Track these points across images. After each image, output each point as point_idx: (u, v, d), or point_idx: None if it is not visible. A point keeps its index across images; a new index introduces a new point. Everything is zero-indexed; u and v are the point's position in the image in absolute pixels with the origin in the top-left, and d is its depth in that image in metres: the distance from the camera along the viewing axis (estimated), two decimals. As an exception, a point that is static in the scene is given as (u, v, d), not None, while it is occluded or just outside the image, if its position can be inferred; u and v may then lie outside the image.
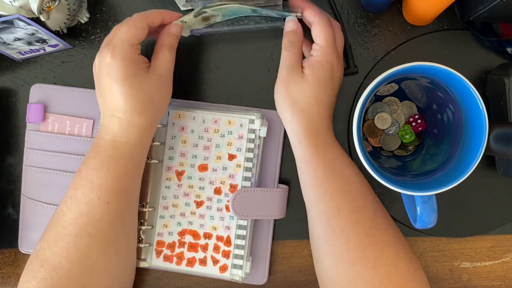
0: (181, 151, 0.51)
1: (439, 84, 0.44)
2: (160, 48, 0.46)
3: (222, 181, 0.51)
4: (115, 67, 0.42)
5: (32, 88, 0.53)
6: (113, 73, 0.42)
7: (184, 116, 0.51)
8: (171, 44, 0.46)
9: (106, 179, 0.43)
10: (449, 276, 0.53)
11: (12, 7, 0.45)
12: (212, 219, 0.51)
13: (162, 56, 0.45)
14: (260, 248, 0.52)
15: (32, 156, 0.53)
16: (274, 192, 0.50)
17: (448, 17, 0.51)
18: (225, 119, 0.51)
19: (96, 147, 0.44)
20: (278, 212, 0.50)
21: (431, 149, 0.50)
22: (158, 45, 0.46)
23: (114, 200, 0.43)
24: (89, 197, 0.43)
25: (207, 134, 0.51)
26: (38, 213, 0.52)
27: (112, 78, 0.42)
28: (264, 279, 0.52)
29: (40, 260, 0.42)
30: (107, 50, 0.42)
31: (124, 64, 0.42)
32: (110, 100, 0.43)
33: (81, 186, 0.43)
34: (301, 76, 0.44)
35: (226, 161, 0.51)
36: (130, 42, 0.43)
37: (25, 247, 0.53)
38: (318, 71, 0.44)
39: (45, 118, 0.53)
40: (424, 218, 0.43)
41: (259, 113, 0.50)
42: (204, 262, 0.51)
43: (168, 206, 0.51)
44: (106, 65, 0.42)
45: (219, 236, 0.51)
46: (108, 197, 0.43)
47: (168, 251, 0.51)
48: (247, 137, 0.50)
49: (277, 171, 0.51)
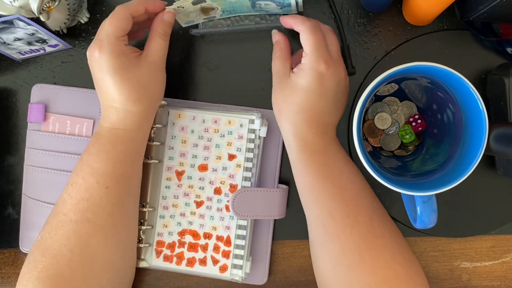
0: (181, 151, 0.51)
1: (439, 84, 0.44)
2: (153, 35, 0.46)
3: (222, 181, 0.51)
4: (104, 61, 0.43)
5: (33, 88, 0.53)
6: (103, 67, 0.43)
7: (184, 116, 0.51)
8: (164, 31, 0.46)
9: (106, 163, 0.44)
10: (449, 276, 0.53)
11: (12, 7, 0.45)
12: (212, 219, 0.51)
13: (154, 44, 0.46)
14: (260, 248, 0.52)
15: (33, 155, 0.53)
16: (274, 192, 0.50)
17: (448, 17, 0.51)
18: (225, 119, 0.51)
19: (96, 135, 0.45)
20: (278, 212, 0.50)
21: (431, 149, 0.50)
22: (151, 33, 0.46)
23: (113, 185, 0.44)
24: (88, 181, 0.43)
25: (207, 134, 0.51)
26: (39, 213, 0.52)
27: (103, 71, 0.43)
28: (264, 279, 0.52)
29: (41, 250, 0.42)
30: (94, 45, 0.43)
31: (113, 57, 0.43)
32: (105, 92, 0.44)
33: (82, 172, 0.44)
34: (287, 83, 0.45)
35: (226, 161, 0.51)
36: (115, 34, 0.43)
37: (26, 247, 0.53)
38: (302, 79, 0.44)
39: (46, 118, 0.53)
40: (424, 218, 0.43)
41: (259, 113, 0.50)
42: (204, 262, 0.51)
43: (168, 206, 0.51)
44: (96, 60, 0.43)
45: (219, 236, 0.51)
46: (107, 181, 0.44)
47: (168, 251, 0.51)
48: (247, 137, 0.50)
49: (277, 171, 0.51)
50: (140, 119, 0.45)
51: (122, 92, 0.43)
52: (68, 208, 0.43)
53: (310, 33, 0.44)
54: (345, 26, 0.51)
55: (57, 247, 0.42)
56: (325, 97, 0.45)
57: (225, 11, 0.49)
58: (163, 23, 0.46)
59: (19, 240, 0.53)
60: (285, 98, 0.45)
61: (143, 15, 0.46)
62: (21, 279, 0.42)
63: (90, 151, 0.44)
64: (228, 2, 0.46)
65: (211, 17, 0.50)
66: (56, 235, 0.42)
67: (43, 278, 0.41)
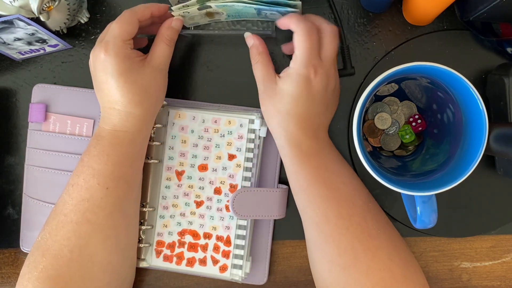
0: (181, 151, 0.51)
1: (439, 84, 0.44)
2: (159, 41, 0.47)
3: (222, 181, 0.51)
4: (109, 63, 0.43)
5: (34, 88, 0.53)
6: (108, 69, 0.43)
7: (184, 116, 0.51)
8: (170, 37, 0.47)
9: (106, 165, 0.44)
10: (449, 276, 0.53)
11: (12, 7, 0.45)
12: (212, 219, 0.51)
13: (159, 49, 0.46)
14: (260, 248, 0.52)
15: (34, 155, 0.53)
16: (273, 192, 0.50)
17: (448, 17, 0.51)
18: (225, 119, 0.51)
19: (97, 137, 0.45)
20: (278, 212, 0.50)
21: (431, 149, 0.50)
22: (158, 38, 0.47)
23: (113, 186, 0.44)
24: (89, 182, 0.43)
25: (207, 134, 0.51)
26: (40, 212, 0.52)
27: (108, 73, 0.43)
28: (264, 279, 0.52)
29: (42, 250, 0.42)
30: (100, 47, 0.44)
31: (118, 59, 0.43)
32: (107, 94, 0.44)
33: (83, 173, 0.44)
34: (275, 90, 0.45)
35: (226, 161, 0.51)
36: (122, 38, 0.44)
37: (27, 247, 0.53)
38: (289, 85, 0.44)
39: (46, 118, 0.53)
40: (424, 218, 0.43)
41: (259, 113, 0.50)
42: (204, 262, 0.51)
43: (168, 206, 0.51)
44: (101, 61, 0.43)
45: (219, 236, 0.51)
46: (107, 182, 0.44)
47: (168, 251, 0.51)
48: (247, 137, 0.50)
49: (277, 171, 0.51)
50: (141, 122, 0.45)
51: (125, 94, 0.44)
52: (68, 209, 0.43)
53: (303, 36, 0.43)
54: (345, 26, 0.51)
55: (57, 247, 0.42)
56: (314, 100, 0.45)
57: (230, 16, 0.49)
58: (170, 30, 0.47)
59: (19, 240, 0.53)
60: (275, 105, 0.45)
61: (148, 19, 0.47)
62: (21, 279, 0.42)
63: (91, 152, 0.45)
64: (233, 9, 0.46)
65: (216, 19, 0.50)
66: (57, 236, 0.42)
67: (43, 279, 0.41)
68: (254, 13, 0.47)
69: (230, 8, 0.46)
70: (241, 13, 0.48)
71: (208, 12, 0.47)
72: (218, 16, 0.48)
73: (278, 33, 0.51)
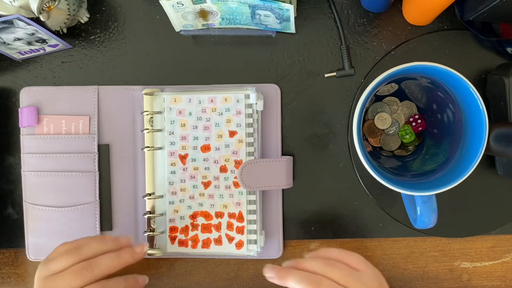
0: (182, 135, 0.51)
1: (439, 84, 0.44)
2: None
3: (226, 158, 0.51)
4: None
5: (21, 92, 0.52)
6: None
7: (179, 99, 0.51)
8: None
9: None
10: (449, 276, 0.53)
11: (12, 7, 0.45)
12: (221, 197, 0.51)
13: None
14: (272, 222, 0.52)
15: (30, 160, 0.52)
16: (279, 162, 0.50)
17: (448, 17, 0.51)
18: (221, 97, 0.50)
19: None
20: (285, 181, 0.50)
21: (431, 149, 0.50)
22: None
23: None
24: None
25: (205, 115, 0.51)
26: (42, 217, 0.52)
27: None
28: (279, 252, 0.52)
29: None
30: None
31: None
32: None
33: None
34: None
35: (228, 138, 0.51)
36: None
37: (33, 255, 0.53)
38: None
39: (39, 120, 0.52)
40: (424, 218, 0.43)
41: (253, 87, 0.50)
42: (220, 241, 0.51)
43: (176, 191, 0.51)
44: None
45: (231, 213, 0.51)
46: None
47: (182, 235, 0.51)
48: (245, 112, 0.50)
49: (278, 143, 0.52)
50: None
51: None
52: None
53: None
54: (345, 26, 0.51)
55: None
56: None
57: (225, 19, 0.48)
58: None
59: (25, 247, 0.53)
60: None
61: None
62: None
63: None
64: (228, 7, 0.46)
65: (210, 23, 0.50)
66: None
67: None
68: (248, 15, 0.47)
69: (224, 6, 0.46)
70: (235, 15, 0.48)
71: (201, 11, 0.47)
72: (212, 18, 0.48)
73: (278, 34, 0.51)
